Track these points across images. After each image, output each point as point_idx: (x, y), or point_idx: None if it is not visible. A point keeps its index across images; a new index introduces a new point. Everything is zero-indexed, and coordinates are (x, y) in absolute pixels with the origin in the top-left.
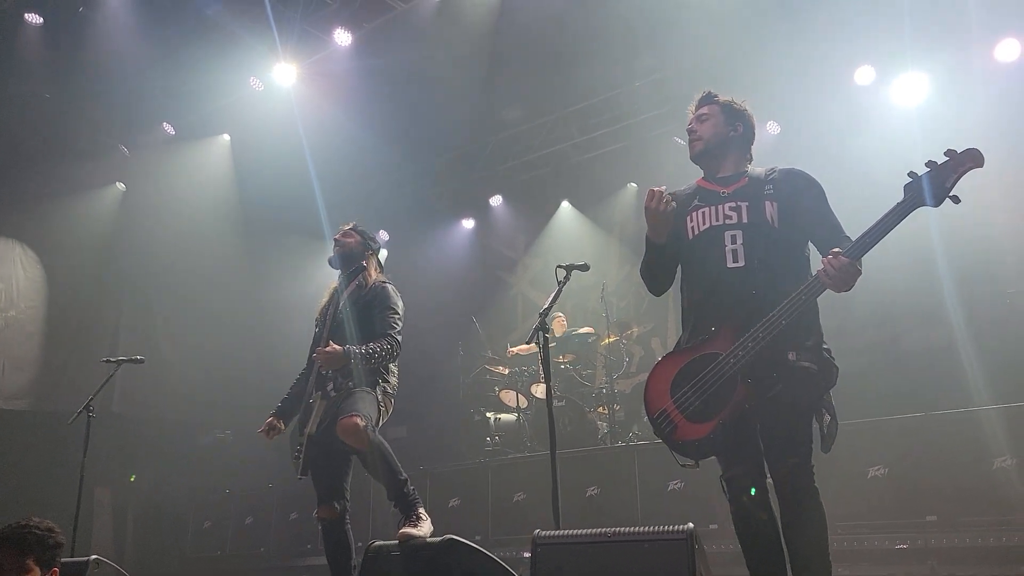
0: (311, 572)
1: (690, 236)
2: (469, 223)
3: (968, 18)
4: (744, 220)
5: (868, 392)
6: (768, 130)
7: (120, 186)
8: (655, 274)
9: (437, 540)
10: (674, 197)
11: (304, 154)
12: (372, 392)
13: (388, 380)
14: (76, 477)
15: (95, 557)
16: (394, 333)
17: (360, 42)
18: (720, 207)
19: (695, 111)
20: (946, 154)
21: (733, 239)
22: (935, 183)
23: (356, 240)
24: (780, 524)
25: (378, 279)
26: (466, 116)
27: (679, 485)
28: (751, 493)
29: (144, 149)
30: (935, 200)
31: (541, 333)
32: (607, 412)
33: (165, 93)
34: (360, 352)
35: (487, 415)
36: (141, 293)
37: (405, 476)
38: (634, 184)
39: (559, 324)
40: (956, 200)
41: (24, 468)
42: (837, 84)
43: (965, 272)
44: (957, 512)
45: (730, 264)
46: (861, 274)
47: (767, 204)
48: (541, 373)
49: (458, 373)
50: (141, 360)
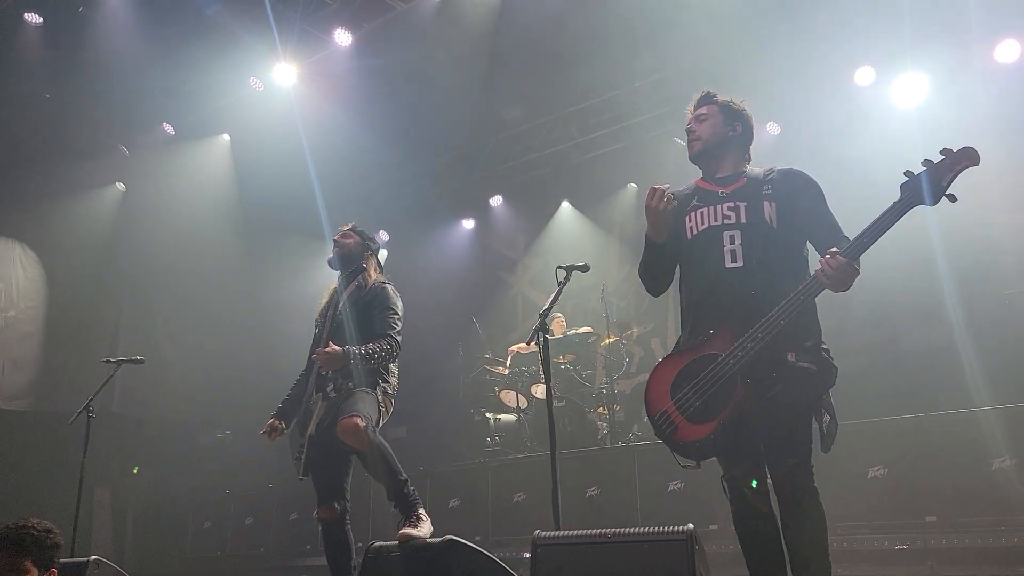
0: (311, 572)
1: (688, 236)
2: (469, 223)
3: (968, 19)
4: (742, 220)
5: (867, 392)
6: (768, 131)
7: (120, 186)
8: (654, 274)
9: (437, 541)
10: (674, 209)
11: (304, 154)
12: (372, 393)
13: (388, 380)
14: (76, 477)
15: (95, 557)
16: (394, 333)
17: (360, 42)
18: (718, 207)
19: (694, 111)
20: (942, 153)
21: (731, 239)
22: (932, 182)
23: (355, 241)
24: (780, 524)
25: (378, 279)
26: (466, 116)
27: (679, 486)
28: (752, 485)
29: (144, 149)
30: (932, 199)
31: (541, 334)
32: (607, 412)
33: (165, 93)
34: (360, 352)
35: (487, 415)
36: (141, 293)
37: (405, 476)
38: (634, 184)
39: (558, 325)
40: (952, 199)
41: (24, 468)
42: (837, 84)
43: (965, 272)
44: (956, 513)
45: (728, 264)
46: (859, 274)
47: (765, 204)
48: (541, 373)
49: (458, 373)
50: (141, 360)
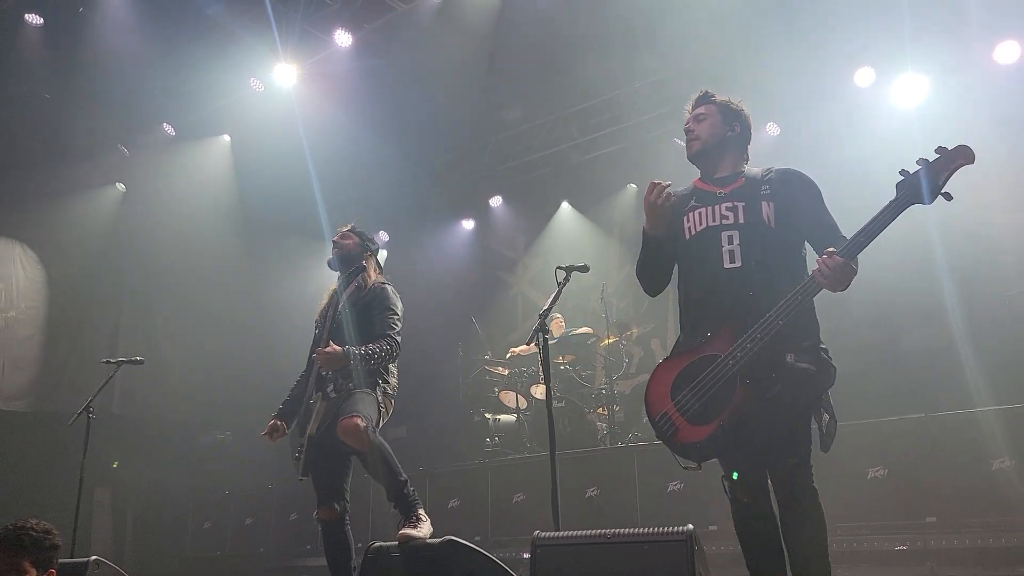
0: (311, 573)
1: (687, 236)
2: (469, 223)
3: (968, 20)
4: (741, 220)
5: (867, 393)
6: (768, 131)
7: (120, 186)
8: (651, 273)
9: (437, 541)
10: (672, 204)
11: (304, 154)
12: (372, 393)
13: (388, 381)
14: (76, 478)
15: (95, 558)
16: (393, 334)
17: (360, 43)
18: (717, 207)
19: (692, 110)
20: (937, 151)
21: (730, 239)
22: (927, 180)
23: (354, 241)
24: (780, 524)
25: (377, 280)
26: (466, 116)
27: (679, 486)
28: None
29: (144, 149)
30: (928, 197)
31: (541, 334)
32: (607, 413)
33: (165, 93)
34: (360, 353)
35: (487, 416)
36: (141, 293)
37: (405, 477)
38: (634, 185)
39: (557, 325)
40: (948, 197)
41: (24, 468)
42: (837, 85)
43: (965, 272)
44: (956, 513)
45: (727, 264)
46: (856, 273)
47: (763, 204)
48: (541, 374)
49: (458, 373)
50: (141, 361)
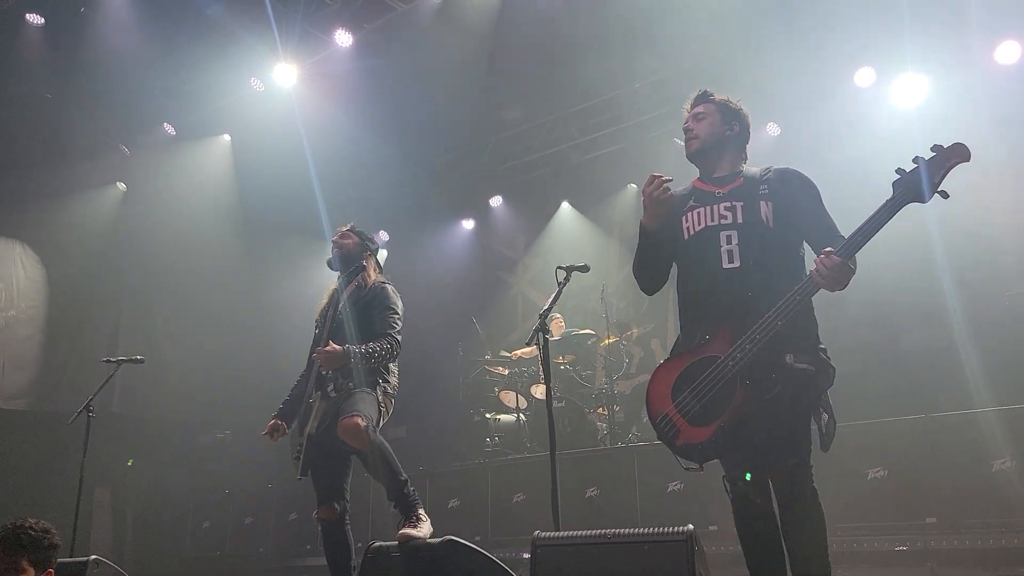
0: (310, 573)
1: (685, 236)
2: (469, 223)
3: (968, 20)
4: (739, 220)
5: (868, 393)
6: (768, 131)
7: (120, 186)
8: (647, 269)
9: (437, 541)
10: (670, 199)
11: (304, 154)
12: (372, 392)
13: (388, 380)
14: (76, 477)
15: (94, 557)
16: (394, 333)
17: (361, 43)
18: (715, 207)
19: (691, 109)
20: (933, 150)
21: (728, 239)
22: (923, 179)
23: (354, 241)
24: (780, 524)
25: (377, 279)
26: (466, 116)
27: (679, 486)
28: (746, 478)
29: (144, 149)
30: (924, 196)
31: (541, 334)
32: (607, 413)
33: (165, 93)
34: (360, 352)
35: (487, 416)
36: (141, 293)
37: (405, 477)
38: (634, 185)
39: (556, 325)
40: (944, 195)
41: (24, 468)
42: (837, 85)
43: (965, 273)
44: (957, 514)
45: (726, 265)
46: (854, 273)
47: (762, 204)
48: (541, 374)
49: (458, 373)
50: (141, 360)
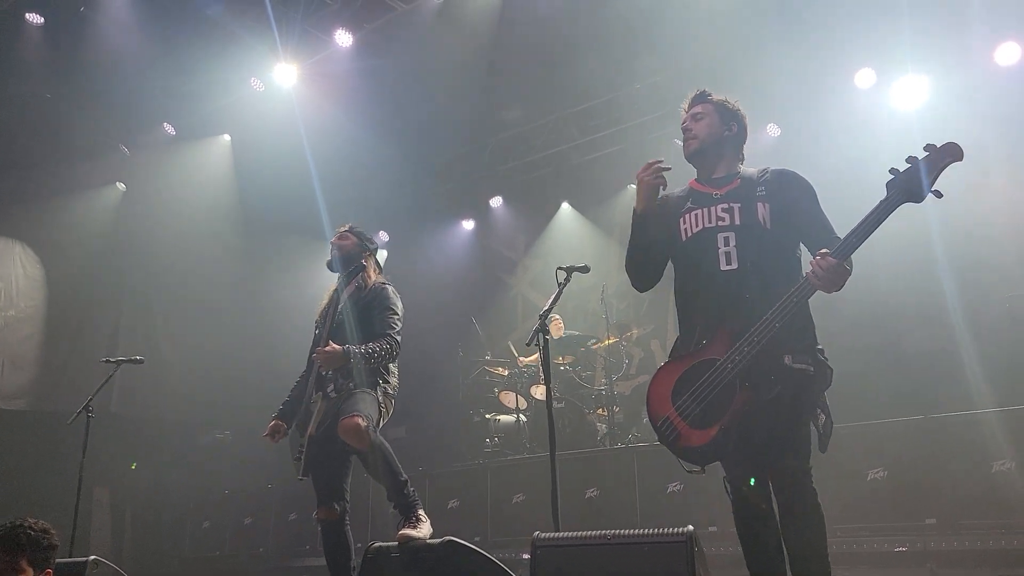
0: (310, 573)
1: (683, 238)
2: (469, 224)
3: (969, 21)
4: (737, 222)
5: (868, 394)
6: (768, 132)
7: (120, 186)
8: (637, 263)
9: (436, 541)
10: (667, 199)
11: (304, 154)
12: (372, 393)
13: (388, 381)
14: (75, 477)
15: (94, 558)
16: (394, 333)
17: (361, 43)
18: (713, 209)
19: (688, 109)
20: (926, 149)
21: (726, 241)
22: (917, 178)
23: (353, 241)
24: (779, 526)
25: (377, 280)
26: (466, 116)
27: (678, 487)
28: (751, 483)
29: (144, 149)
30: (919, 195)
31: (541, 335)
32: (606, 414)
33: (165, 93)
34: (360, 352)
35: (486, 416)
36: (141, 293)
37: (406, 477)
38: (634, 186)
39: (556, 326)
40: (938, 194)
41: (23, 468)
42: (837, 86)
43: (966, 274)
44: (957, 515)
45: (723, 267)
46: (851, 273)
47: (759, 205)
48: (541, 375)
49: (458, 374)
50: (141, 360)
